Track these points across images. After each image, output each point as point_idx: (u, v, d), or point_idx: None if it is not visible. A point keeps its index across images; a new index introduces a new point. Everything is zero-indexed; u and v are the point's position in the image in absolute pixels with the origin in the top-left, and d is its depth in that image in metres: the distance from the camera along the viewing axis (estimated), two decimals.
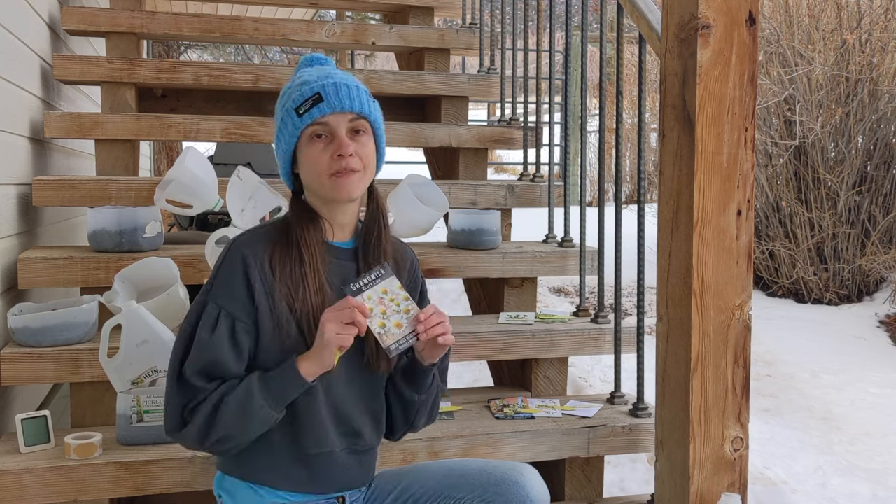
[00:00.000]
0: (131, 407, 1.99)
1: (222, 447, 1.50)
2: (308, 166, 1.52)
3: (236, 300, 1.48)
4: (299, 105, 1.50)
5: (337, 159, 1.49)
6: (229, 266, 1.50)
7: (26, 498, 1.87)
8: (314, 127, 1.50)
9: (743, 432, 1.88)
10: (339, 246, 1.58)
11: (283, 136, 1.54)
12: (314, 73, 1.55)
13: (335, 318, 1.43)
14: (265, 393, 1.45)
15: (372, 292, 1.48)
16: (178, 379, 1.48)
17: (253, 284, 1.49)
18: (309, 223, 1.54)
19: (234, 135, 3.05)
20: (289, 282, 1.50)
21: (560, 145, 3.29)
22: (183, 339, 1.50)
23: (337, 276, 1.56)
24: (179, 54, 10.63)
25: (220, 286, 1.50)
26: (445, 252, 2.67)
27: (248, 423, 1.46)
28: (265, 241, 1.53)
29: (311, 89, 1.50)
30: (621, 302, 2.62)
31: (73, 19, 3.27)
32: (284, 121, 1.53)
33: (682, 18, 1.83)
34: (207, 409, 1.45)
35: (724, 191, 1.83)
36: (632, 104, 6.43)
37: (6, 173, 2.51)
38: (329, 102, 1.49)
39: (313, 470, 1.55)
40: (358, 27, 3.70)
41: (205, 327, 1.48)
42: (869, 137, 4.67)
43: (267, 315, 1.49)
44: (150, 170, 6.96)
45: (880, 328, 4.38)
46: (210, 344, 1.46)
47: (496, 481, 1.55)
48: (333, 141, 1.50)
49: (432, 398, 1.64)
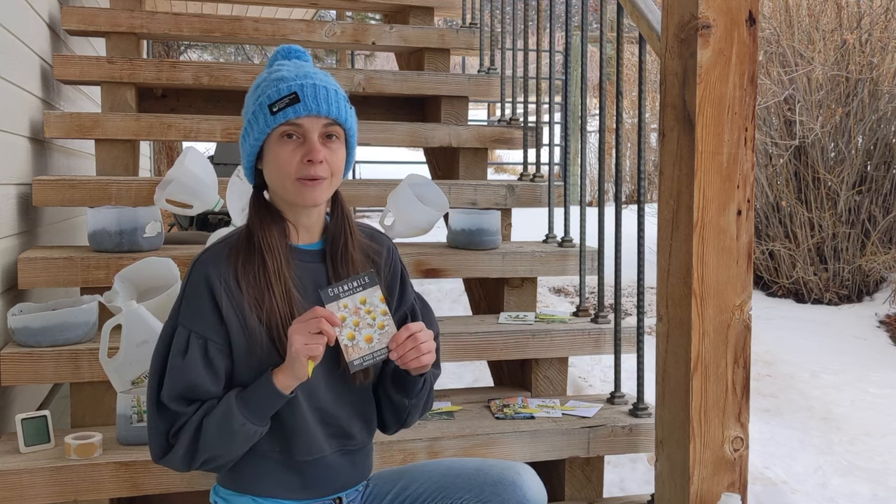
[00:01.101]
0: (131, 407, 1.99)
1: (211, 466, 1.48)
2: (274, 167, 1.46)
3: (205, 321, 1.45)
4: (274, 102, 1.44)
5: (306, 164, 1.44)
6: (193, 287, 1.46)
7: (26, 498, 1.87)
8: (286, 127, 1.44)
9: (743, 432, 1.88)
10: (306, 248, 1.54)
11: (251, 131, 1.47)
12: (292, 69, 1.49)
13: (302, 329, 1.37)
14: (244, 410, 1.42)
15: (349, 300, 1.42)
16: (158, 406, 1.45)
17: (219, 303, 1.44)
18: (272, 226, 1.49)
19: (234, 135, 3.05)
20: (255, 291, 1.45)
21: (560, 145, 3.29)
22: (157, 365, 1.47)
23: (308, 280, 1.51)
24: (179, 54, 10.63)
25: (186, 308, 1.46)
26: (445, 252, 2.67)
27: (232, 441, 1.43)
28: (227, 257, 1.47)
29: (287, 87, 1.44)
30: (621, 302, 2.62)
31: (73, 19, 3.27)
32: (256, 115, 1.46)
33: (682, 18, 1.83)
34: (190, 433, 1.42)
35: (724, 191, 1.83)
36: (632, 104, 6.43)
37: (6, 173, 2.51)
38: (306, 104, 1.43)
39: (307, 476, 1.54)
40: (358, 27, 3.70)
41: (176, 353, 1.44)
42: (869, 137, 4.67)
43: (238, 331, 1.45)
44: (150, 170, 6.96)
45: (880, 328, 4.38)
46: (183, 368, 1.43)
47: (493, 481, 1.54)
48: (304, 144, 1.45)
49: (423, 399, 1.61)
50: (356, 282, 1.42)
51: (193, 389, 1.44)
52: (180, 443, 1.43)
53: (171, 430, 1.45)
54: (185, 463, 1.46)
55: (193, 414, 1.44)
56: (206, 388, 1.44)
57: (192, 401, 1.45)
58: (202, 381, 1.44)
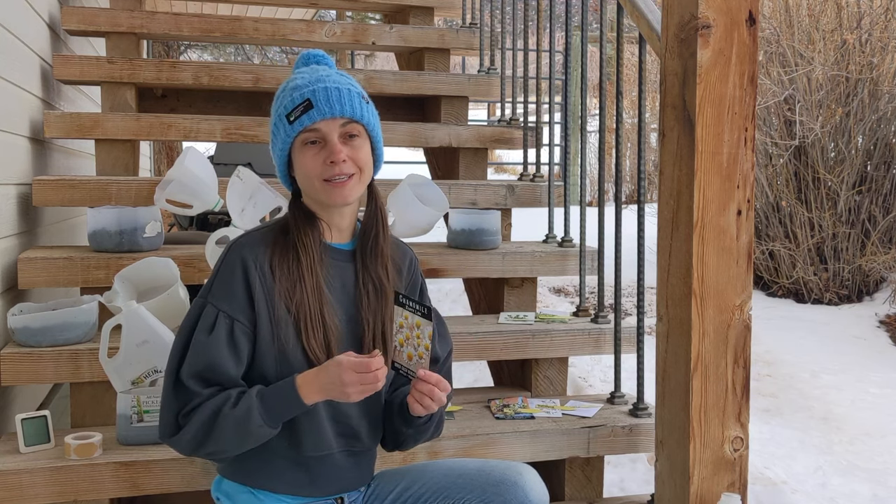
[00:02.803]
0: (131, 407, 1.99)
1: (214, 457, 1.50)
2: (302, 172, 1.52)
3: (235, 302, 1.47)
4: (290, 112, 1.49)
5: (329, 166, 1.49)
6: (229, 267, 1.49)
7: (26, 498, 1.87)
8: (306, 134, 1.49)
9: (743, 432, 1.88)
10: (338, 247, 1.58)
11: (276, 141, 1.53)
12: (306, 75, 1.53)
13: (358, 378, 1.40)
14: (264, 412, 1.43)
15: (411, 316, 1.46)
16: (175, 382, 1.46)
17: (252, 286, 1.47)
18: (307, 225, 1.53)
19: (234, 135, 3.05)
20: (286, 282, 1.49)
21: (560, 145, 3.29)
22: (180, 342, 1.48)
23: (337, 279, 1.55)
24: (179, 54, 10.63)
25: (219, 288, 1.48)
26: (445, 252, 2.67)
27: (246, 440, 1.45)
28: (265, 243, 1.52)
29: (301, 95, 1.49)
30: (621, 302, 2.62)
31: (73, 19, 3.27)
32: (277, 126, 1.52)
33: (682, 18, 1.83)
34: (202, 419, 1.43)
35: (724, 191, 1.83)
36: (632, 104, 6.43)
37: (6, 173, 2.51)
38: (319, 109, 1.47)
39: (313, 473, 1.55)
40: (358, 27, 3.70)
41: (203, 329, 1.46)
42: (869, 137, 4.67)
43: (266, 317, 1.48)
44: (150, 170, 6.96)
45: (880, 328, 4.38)
46: (207, 345, 1.45)
47: (495, 481, 1.54)
48: (326, 147, 1.49)
49: (425, 432, 1.62)
50: (421, 307, 1.46)
51: (213, 369, 1.45)
52: (189, 426, 1.43)
53: (183, 411, 1.45)
54: (191, 448, 1.46)
55: (208, 399, 1.44)
56: (227, 369, 1.45)
57: (209, 382, 1.45)
58: (223, 361, 1.45)
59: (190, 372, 1.45)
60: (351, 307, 1.56)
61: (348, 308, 1.55)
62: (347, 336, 1.54)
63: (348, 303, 1.55)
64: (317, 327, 1.49)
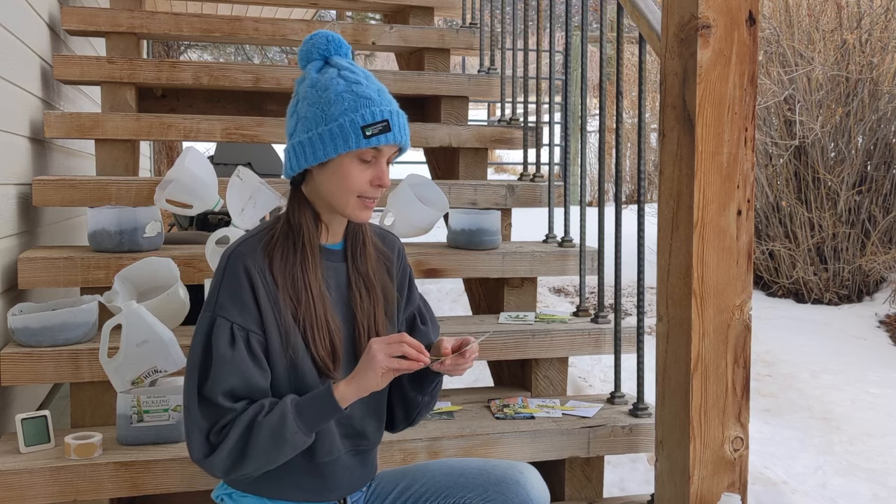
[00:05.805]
0: (131, 407, 1.99)
1: (250, 475, 1.46)
2: (340, 181, 1.47)
3: (246, 312, 1.44)
4: (368, 125, 1.44)
5: (374, 188, 1.48)
6: (233, 278, 1.45)
7: (26, 498, 1.87)
8: (370, 151, 1.46)
9: (743, 432, 1.88)
10: (331, 248, 1.57)
11: (329, 141, 1.44)
12: (371, 86, 1.49)
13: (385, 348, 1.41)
14: (298, 419, 1.40)
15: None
16: (201, 402, 1.42)
17: (258, 294, 1.44)
18: (313, 227, 1.51)
19: (234, 135, 3.05)
20: (290, 290, 1.47)
21: (560, 145, 3.29)
22: (196, 359, 1.44)
23: (332, 278, 1.55)
24: (179, 54, 10.63)
25: (226, 299, 1.44)
26: (445, 252, 2.67)
27: (281, 449, 1.41)
28: (262, 249, 1.48)
29: (380, 113, 1.46)
30: (621, 302, 2.62)
31: (73, 19, 3.27)
32: (343, 129, 1.44)
33: (682, 18, 1.83)
34: (239, 432, 1.39)
35: (724, 191, 1.83)
36: (632, 104, 6.43)
37: (6, 173, 2.51)
38: (395, 134, 1.47)
39: (324, 478, 1.54)
40: (358, 27, 3.70)
41: (221, 343, 1.42)
42: (869, 137, 4.67)
43: (274, 325, 1.45)
44: (150, 170, 6.96)
45: (880, 328, 4.38)
46: (233, 359, 1.41)
47: (496, 480, 1.54)
48: (374, 167, 1.48)
49: (434, 397, 1.63)
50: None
51: (246, 383, 1.42)
52: (226, 442, 1.40)
53: (215, 428, 1.41)
54: (228, 466, 1.42)
55: (242, 412, 1.41)
56: (257, 381, 1.43)
57: (238, 396, 1.42)
58: (252, 374, 1.43)
59: (218, 389, 1.41)
60: (346, 308, 1.55)
61: (343, 309, 1.55)
62: (345, 337, 1.54)
63: (343, 304, 1.55)
64: (323, 333, 1.48)
